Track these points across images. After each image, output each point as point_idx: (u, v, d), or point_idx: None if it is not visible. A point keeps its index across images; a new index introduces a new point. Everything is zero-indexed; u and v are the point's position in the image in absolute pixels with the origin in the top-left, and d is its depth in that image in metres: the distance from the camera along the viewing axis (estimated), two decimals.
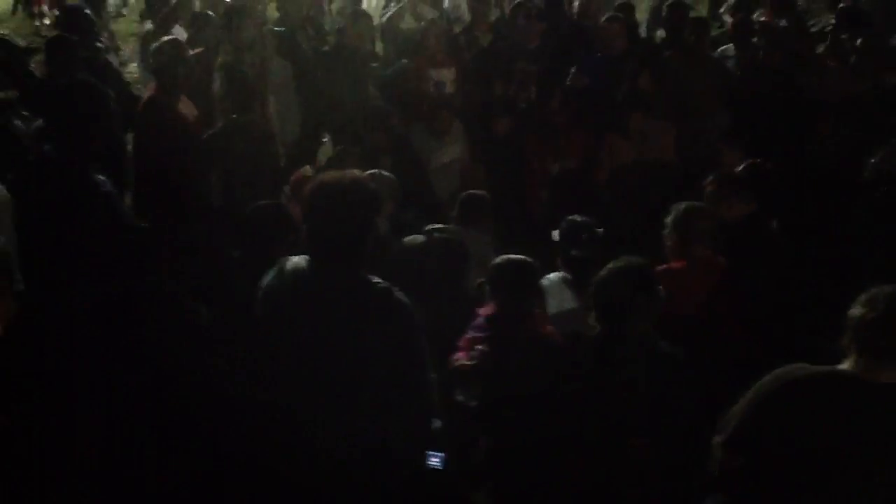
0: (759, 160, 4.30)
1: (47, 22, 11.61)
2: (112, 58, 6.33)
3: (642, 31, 7.98)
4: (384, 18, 7.34)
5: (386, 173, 4.19)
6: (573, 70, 5.83)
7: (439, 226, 3.88)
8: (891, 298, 2.34)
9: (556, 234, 3.72)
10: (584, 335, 2.88)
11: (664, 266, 3.50)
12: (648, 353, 2.75)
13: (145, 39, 6.37)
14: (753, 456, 2.42)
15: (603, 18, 6.26)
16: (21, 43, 6.09)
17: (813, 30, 6.98)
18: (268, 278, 2.60)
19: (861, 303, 2.38)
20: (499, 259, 3.28)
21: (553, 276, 3.64)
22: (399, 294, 2.50)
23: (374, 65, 6.57)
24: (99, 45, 6.09)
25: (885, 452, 2.29)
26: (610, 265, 2.83)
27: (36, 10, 12.16)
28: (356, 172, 2.69)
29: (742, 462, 2.43)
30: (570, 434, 2.70)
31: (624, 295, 2.73)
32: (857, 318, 2.37)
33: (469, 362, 3.05)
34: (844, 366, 2.39)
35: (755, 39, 6.25)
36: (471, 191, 4.45)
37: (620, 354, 2.73)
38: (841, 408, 2.32)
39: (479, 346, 3.06)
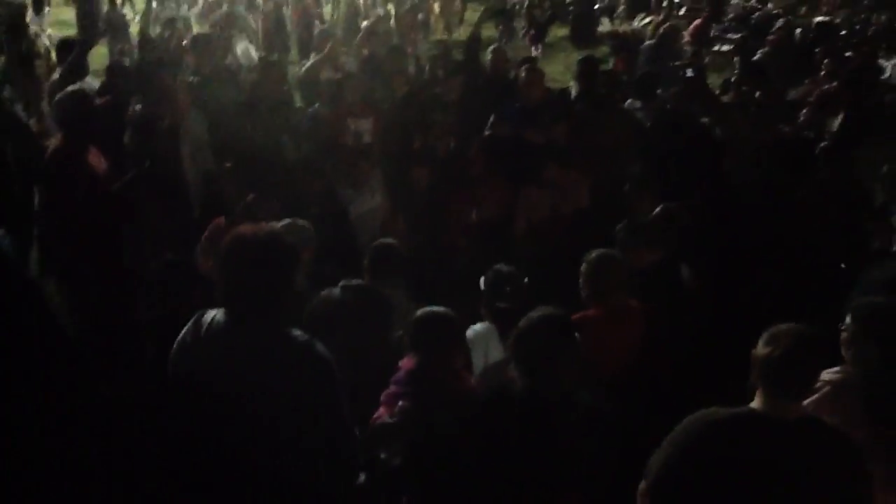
0: (670, 205, 4.43)
1: None
2: (18, 108, 6.10)
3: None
4: (303, 69, 7.35)
5: (301, 222, 4.13)
6: (493, 118, 5.94)
7: (355, 281, 3.82)
8: (792, 335, 2.42)
9: (482, 283, 3.71)
10: (508, 388, 2.85)
11: (580, 314, 3.53)
12: (572, 404, 2.74)
13: (51, 89, 6.17)
14: (673, 501, 2.44)
15: (521, 69, 6.43)
16: None
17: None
18: (183, 333, 2.51)
19: (764, 341, 2.45)
20: (420, 312, 3.21)
21: (478, 326, 3.61)
22: (319, 346, 2.45)
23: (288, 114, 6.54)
24: (4, 94, 5.89)
25: (800, 488, 2.33)
26: (528, 316, 2.84)
27: None
28: (273, 226, 2.64)
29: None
30: (497, 491, 2.65)
31: (545, 345, 2.72)
32: (761, 357, 2.43)
33: (391, 420, 2.99)
34: (755, 404, 2.45)
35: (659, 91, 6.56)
36: (380, 241, 4.39)
37: (545, 407, 2.70)
38: (753, 448, 2.37)
39: (401, 403, 3.00)
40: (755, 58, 8.81)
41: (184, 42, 7.86)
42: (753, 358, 2.47)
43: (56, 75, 6.35)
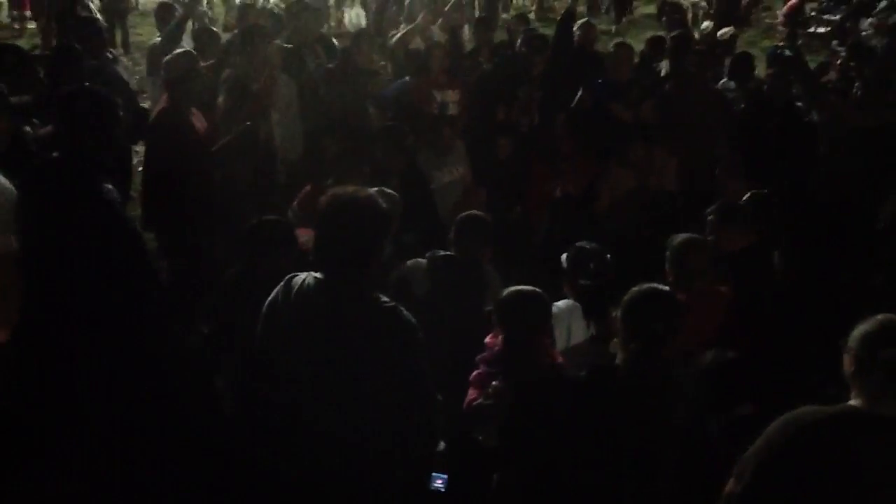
0: (762, 191, 4.31)
1: (31, 26, 11.61)
2: (121, 69, 6.34)
3: None
4: (394, 39, 7.39)
5: (389, 191, 4.18)
6: (580, 93, 5.87)
7: (441, 252, 3.85)
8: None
9: (564, 260, 3.68)
10: (608, 365, 2.81)
11: None
12: (673, 383, 2.70)
13: (152, 52, 6.38)
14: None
15: (611, 45, 6.34)
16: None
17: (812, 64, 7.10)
18: (274, 293, 2.58)
19: (880, 337, 2.35)
20: (508, 291, 3.19)
21: (562, 304, 3.56)
22: (405, 313, 2.49)
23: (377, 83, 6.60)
24: (108, 55, 6.11)
25: None
26: (638, 290, 2.79)
27: (15, 14, 12.13)
28: (369, 190, 2.68)
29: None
30: (596, 469, 2.62)
31: (661, 321, 2.66)
32: (863, 351, 2.34)
33: (485, 401, 2.99)
34: (853, 402, 2.36)
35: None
36: (468, 212, 4.41)
37: (648, 384, 2.66)
38: (855, 447, 2.29)
39: (495, 384, 2.99)
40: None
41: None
42: (853, 351, 2.37)
43: (157, 39, 6.55)
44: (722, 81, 6.50)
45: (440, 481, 2.50)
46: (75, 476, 2.72)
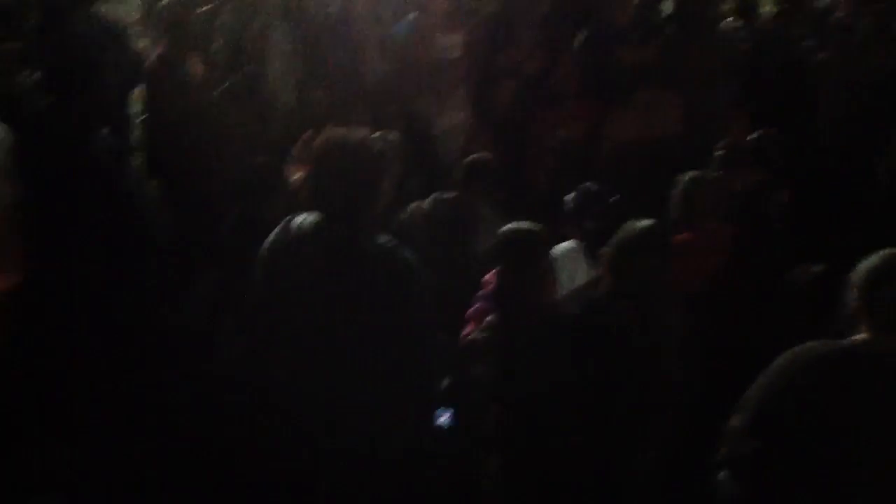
0: (769, 130, 4.26)
1: None
2: (118, 16, 6.23)
3: None
4: None
5: (391, 135, 4.14)
6: (582, 35, 5.76)
7: (444, 193, 3.84)
8: None
9: (568, 201, 3.65)
10: (598, 302, 2.82)
11: (671, 238, 3.46)
12: (658, 324, 2.71)
13: None
14: (774, 439, 2.36)
15: None
16: None
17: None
18: (272, 236, 2.57)
19: (875, 270, 2.33)
20: (506, 227, 3.18)
21: (564, 245, 3.55)
22: (406, 251, 2.48)
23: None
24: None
25: None
26: (626, 228, 2.78)
27: None
28: (364, 131, 2.65)
29: (760, 446, 2.38)
30: (585, 406, 2.65)
31: (649, 260, 2.67)
32: (868, 286, 2.32)
33: (480, 336, 3.01)
34: (858, 336, 2.35)
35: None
36: (474, 155, 4.38)
37: (643, 324, 2.67)
38: (862, 380, 2.28)
39: (488, 319, 3.01)
40: None
41: None
42: (859, 286, 2.35)
43: None
44: (729, 21, 6.35)
45: (445, 416, 2.51)
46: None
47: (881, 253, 2.37)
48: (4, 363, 3.29)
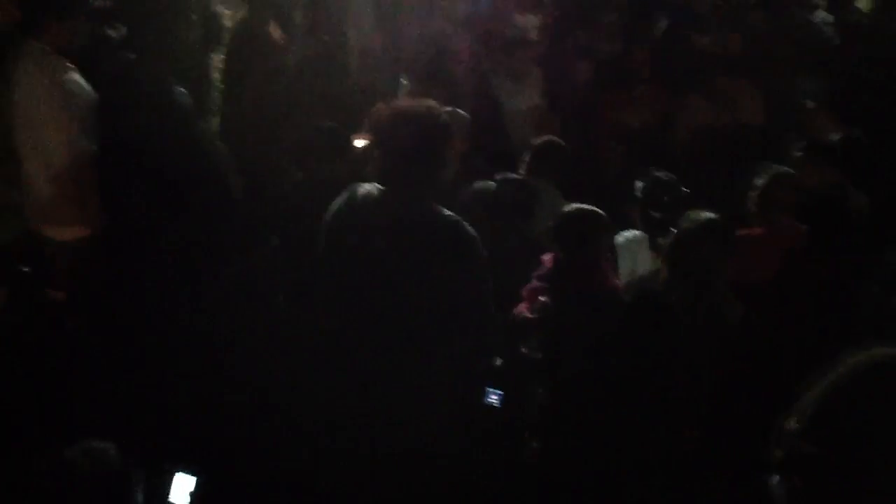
0: (854, 131, 4.09)
1: None
2: None
3: None
4: None
5: (460, 112, 4.12)
6: (662, 21, 5.63)
7: (510, 174, 3.80)
8: None
9: (638, 189, 3.58)
10: (656, 292, 2.77)
11: (743, 231, 3.37)
12: (719, 317, 2.64)
13: None
14: (832, 446, 2.28)
15: None
16: None
17: None
18: (336, 202, 2.59)
19: None
20: (567, 207, 3.17)
21: (629, 233, 3.51)
22: (468, 228, 2.47)
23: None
24: None
25: None
26: (690, 219, 2.72)
27: None
28: (430, 102, 2.64)
29: (817, 451, 2.30)
30: (630, 395, 2.62)
31: (709, 253, 2.61)
32: None
33: (531, 315, 3.00)
34: None
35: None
36: (545, 137, 4.34)
37: (702, 317, 2.61)
38: None
39: (542, 298, 2.99)
40: None
41: None
42: None
43: None
44: (818, 13, 6.11)
45: (495, 396, 2.51)
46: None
47: None
48: (73, 316, 3.42)
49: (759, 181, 3.48)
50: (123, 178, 3.40)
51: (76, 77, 3.42)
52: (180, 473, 2.08)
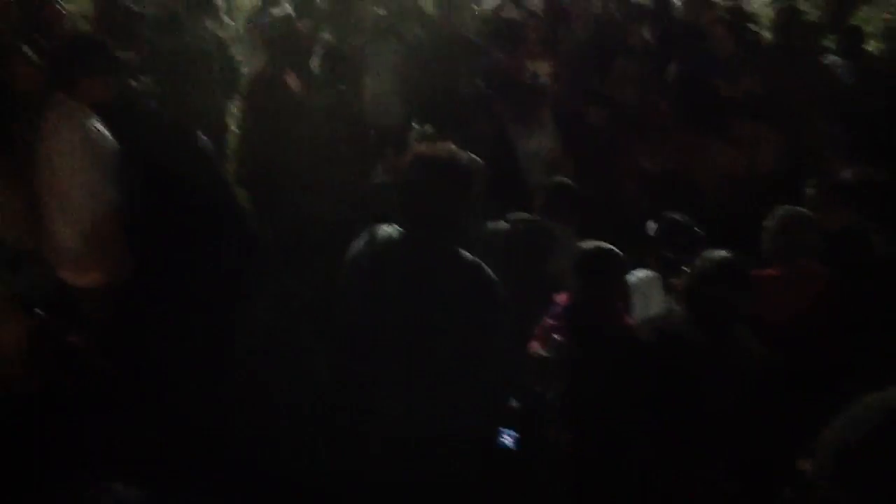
0: (868, 170, 4.09)
1: None
2: (219, 31, 6.53)
3: None
4: (490, 10, 7.32)
5: (474, 156, 4.16)
6: (679, 66, 5.69)
7: (524, 215, 3.83)
8: None
9: (650, 227, 3.60)
10: (673, 333, 2.76)
11: (758, 271, 3.35)
12: (741, 357, 2.62)
13: (250, 14, 6.55)
14: (847, 489, 2.24)
15: (710, 19, 6.09)
16: None
17: None
18: (357, 244, 2.62)
19: None
20: (585, 244, 3.18)
21: (642, 273, 3.51)
22: (488, 270, 2.48)
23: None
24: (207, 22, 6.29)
25: None
26: (706, 258, 2.71)
27: None
28: (452, 146, 2.68)
29: (831, 494, 2.26)
30: (649, 436, 2.59)
31: (726, 292, 2.60)
32: None
33: (546, 353, 2.99)
34: None
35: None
36: (557, 178, 4.38)
37: (723, 360, 2.59)
38: None
39: (557, 337, 2.99)
40: None
41: None
42: None
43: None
44: (829, 57, 6.15)
45: (510, 439, 2.49)
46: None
47: None
48: (98, 359, 3.44)
49: (775, 221, 3.47)
50: (150, 224, 3.46)
51: (100, 127, 3.52)
52: None
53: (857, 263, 3.53)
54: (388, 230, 2.59)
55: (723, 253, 2.73)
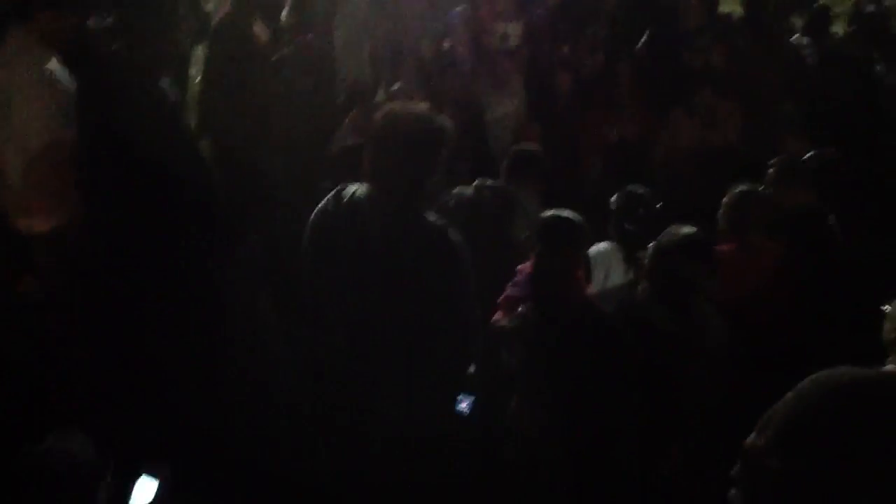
0: (827, 151, 4.17)
1: None
2: None
3: None
4: None
5: (441, 117, 4.13)
6: (647, 36, 5.70)
7: (489, 181, 3.82)
8: None
9: (613, 201, 3.63)
10: (638, 307, 2.79)
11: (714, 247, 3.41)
12: (700, 334, 2.67)
13: None
14: (793, 462, 2.31)
15: None
16: None
17: None
18: (324, 202, 2.59)
19: None
20: (547, 213, 3.15)
21: (602, 245, 3.54)
22: (455, 234, 2.48)
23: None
24: None
25: None
26: (670, 233, 2.74)
27: None
28: (424, 106, 2.65)
29: (778, 466, 2.34)
30: (611, 405, 2.63)
31: (688, 268, 2.63)
32: None
33: (510, 324, 3.01)
34: (889, 367, 2.30)
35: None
36: (522, 145, 4.37)
37: (686, 332, 2.63)
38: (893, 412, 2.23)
39: (521, 308, 3.00)
40: None
41: None
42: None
43: None
44: (795, 37, 6.22)
45: (465, 403, 2.52)
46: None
47: None
48: (55, 306, 3.36)
49: (729, 198, 3.52)
50: (105, 170, 3.36)
51: (57, 66, 3.39)
52: (144, 477, 2.08)
53: (812, 242, 3.60)
54: (354, 188, 2.56)
55: (687, 228, 2.76)
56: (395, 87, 5.15)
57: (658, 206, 3.62)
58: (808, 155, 4.16)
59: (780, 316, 3.31)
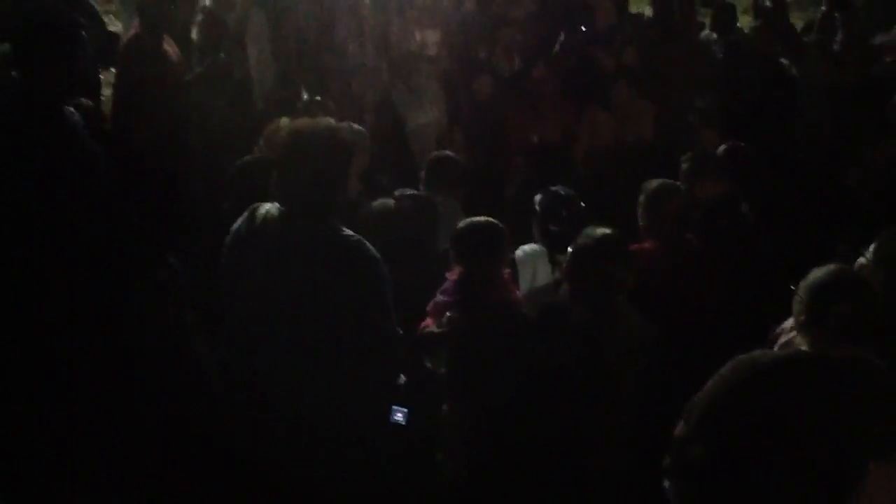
0: (738, 142, 4.30)
1: None
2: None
3: None
4: None
5: (357, 127, 4.12)
6: (562, 38, 5.79)
7: (409, 190, 3.82)
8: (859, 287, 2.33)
9: (536, 203, 3.67)
10: (557, 307, 2.83)
11: (635, 245, 3.48)
12: (621, 329, 2.71)
13: None
14: (716, 448, 2.37)
15: None
16: None
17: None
18: (237, 223, 2.56)
19: (823, 286, 2.36)
20: (464, 222, 3.20)
21: (528, 247, 3.57)
22: (370, 248, 2.48)
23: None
24: None
25: (851, 430, 2.27)
26: (587, 235, 2.79)
27: None
28: (331, 121, 2.64)
29: (701, 453, 2.39)
30: (538, 408, 2.65)
31: (607, 268, 2.68)
32: (815, 302, 2.35)
33: (437, 329, 3.02)
34: (803, 346, 2.38)
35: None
36: (438, 152, 4.38)
37: (607, 330, 2.67)
38: (811, 392, 2.30)
39: (449, 314, 3.01)
40: None
41: None
42: (814, 304, 2.38)
43: None
44: (704, 33, 6.41)
45: (400, 414, 2.52)
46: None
47: (828, 267, 2.41)
48: None
49: (644, 196, 3.59)
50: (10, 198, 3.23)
51: None
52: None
53: (726, 231, 3.71)
54: (267, 208, 2.53)
55: (603, 230, 2.82)
56: (314, 99, 5.10)
57: (582, 205, 3.66)
58: (719, 148, 4.28)
59: (701, 306, 3.40)
